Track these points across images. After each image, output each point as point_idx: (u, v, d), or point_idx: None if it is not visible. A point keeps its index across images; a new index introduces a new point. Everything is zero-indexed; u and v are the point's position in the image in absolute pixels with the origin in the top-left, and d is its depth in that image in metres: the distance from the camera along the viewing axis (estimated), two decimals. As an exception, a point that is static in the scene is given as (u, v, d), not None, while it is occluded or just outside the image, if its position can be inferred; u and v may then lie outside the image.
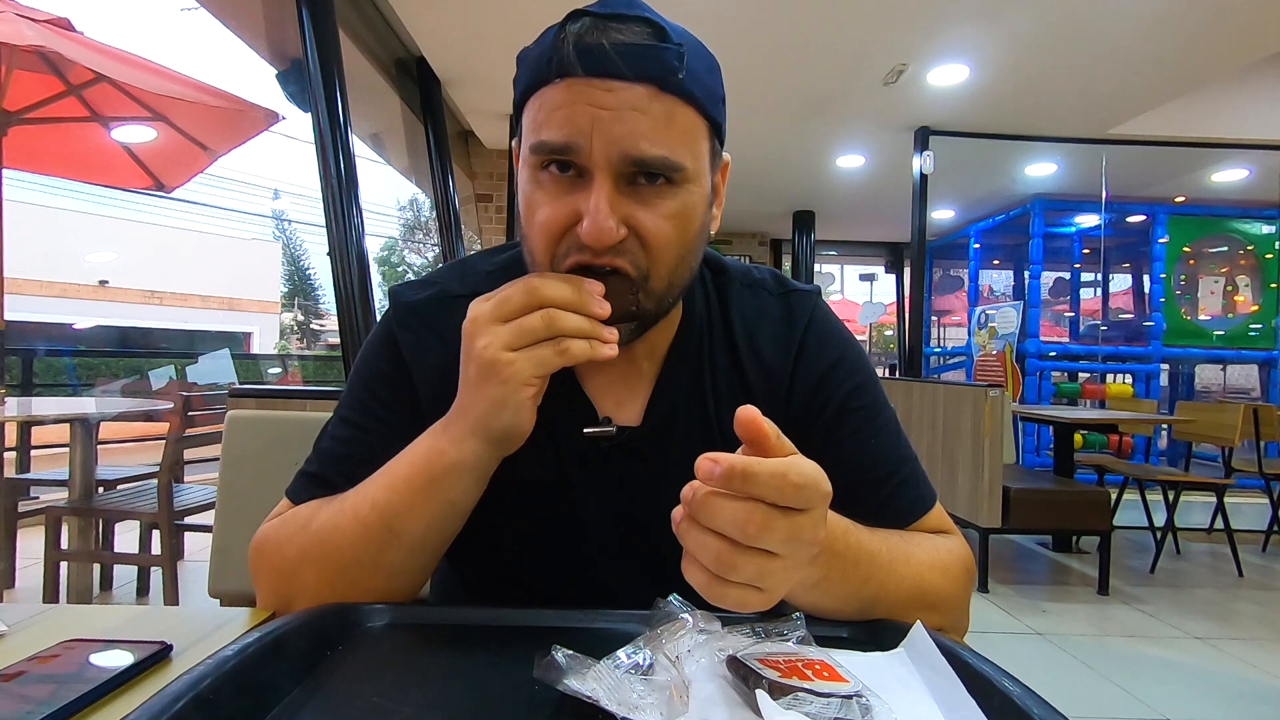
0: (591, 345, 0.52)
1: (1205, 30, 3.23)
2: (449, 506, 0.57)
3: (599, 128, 0.52)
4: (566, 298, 0.52)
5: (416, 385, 0.65)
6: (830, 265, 10.75)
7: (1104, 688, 2.25)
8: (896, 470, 0.66)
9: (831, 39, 3.46)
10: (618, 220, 0.53)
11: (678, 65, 0.53)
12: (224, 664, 0.39)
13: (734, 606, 0.43)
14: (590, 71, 0.52)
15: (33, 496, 3.45)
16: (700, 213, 0.58)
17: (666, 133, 0.53)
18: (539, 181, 0.56)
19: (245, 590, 1.05)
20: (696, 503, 0.42)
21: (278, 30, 3.31)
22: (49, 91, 3.16)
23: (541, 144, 0.54)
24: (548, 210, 0.56)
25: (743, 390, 0.67)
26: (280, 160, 28.59)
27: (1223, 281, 6.21)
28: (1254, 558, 3.81)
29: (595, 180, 0.53)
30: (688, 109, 0.55)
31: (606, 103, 0.52)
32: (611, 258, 0.55)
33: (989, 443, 3.03)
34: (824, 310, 0.71)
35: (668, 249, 0.56)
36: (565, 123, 0.53)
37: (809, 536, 0.43)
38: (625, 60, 0.52)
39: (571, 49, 0.52)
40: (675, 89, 0.53)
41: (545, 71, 0.54)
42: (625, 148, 0.52)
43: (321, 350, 26.83)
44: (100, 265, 16.61)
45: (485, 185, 5.33)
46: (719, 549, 0.41)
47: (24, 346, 6.63)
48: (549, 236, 0.56)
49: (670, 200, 0.55)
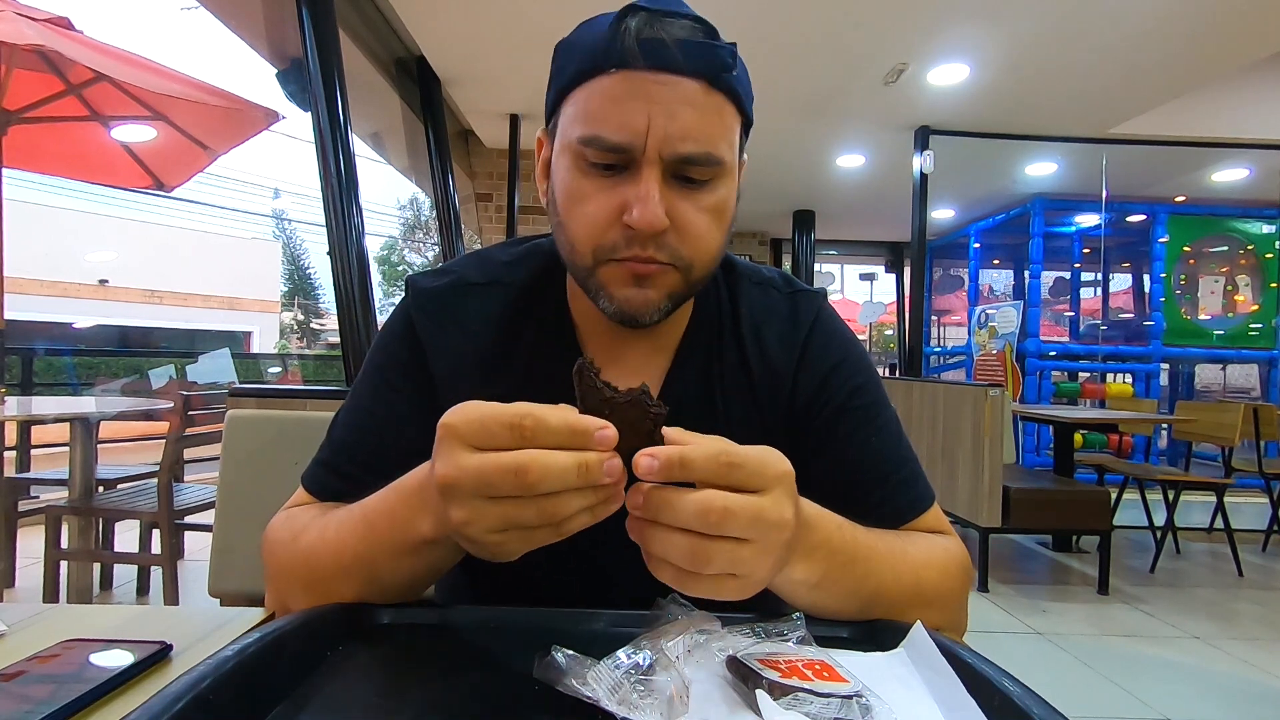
0: (594, 513, 0.43)
1: (1205, 30, 3.23)
2: (432, 572, 0.55)
3: (654, 123, 0.53)
4: (568, 480, 0.41)
5: (433, 371, 0.65)
6: (830, 265, 10.74)
7: (1104, 688, 2.25)
8: (896, 470, 0.66)
9: (831, 39, 3.46)
10: (664, 210, 0.55)
11: (731, 63, 0.55)
12: (224, 664, 0.39)
13: (711, 594, 0.43)
14: (650, 63, 0.53)
15: (33, 496, 3.45)
16: (732, 206, 0.61)
17: (714, 128, 0.55)
18: (584, 171, 0.57)
19: (245, 590, 1.05)
20: (652, 502, 0.42)
21: (278, 29, 3.31)
22: (49, 90, 3.16)
23: (594, 138, 0.55)
24: (593, 202, 0.56)
25: (748, 386, 0.68)
26: (280, 159, 28.61)
27: (1223, 281, 6.21)
28: (1254, 557, 3.81)
29: (644, 171, 0.54)
30: (731, 106, 0.57)
31: (662, 96, 0.53)
32: (655, 250, 0.56)
33: (989, 442, 3.03)
34: (829, 311, 0.72)
35: (708, 241, 0.58)
36: (619, 115, 0.54)
37: (774, 518, 0.43)
38: (683, 54, 0.53)
39: (633, 40, 0.53)
40: (724, 86, 0.55)
41: (601, 61, 0.54)
42: (676, 142, 0.54)
43: (321, 349, 26.82)
44: (100, 264, 16.62)
45: (485, 185, 5.33)
46: (688, 544, 0.41)
47: (24, 346, 6.63)
48: (595, 229, 0.57)
49: (710, 194, 0.57)
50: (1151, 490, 3.92)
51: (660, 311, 0.59)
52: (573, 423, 0.41)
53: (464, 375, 0.63)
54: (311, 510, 0.62)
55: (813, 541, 0.50)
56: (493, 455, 0.41)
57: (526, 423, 0.41)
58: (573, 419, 0.41)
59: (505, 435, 0.41)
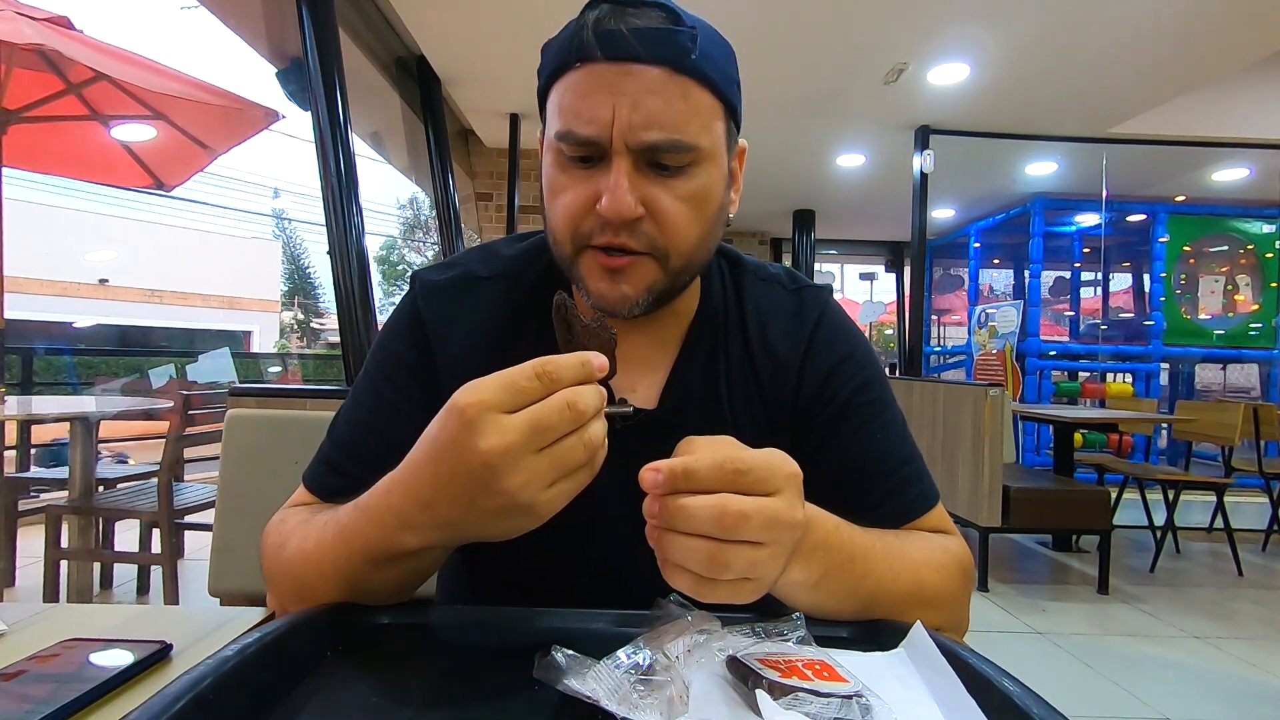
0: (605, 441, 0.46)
1: (1206, 30, 3.23)
2: (417, 576, 0.55)
3: (618, 114, 0.54)
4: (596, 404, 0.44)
5: (438, 364, 0.65)
6: (830, 264, 10.74)
7: (1104, 687, 2.25)
8: (900, 467, 0.66)
9: (831, 39, 3.46)
10: (636, 198, 0.55)
11: (690, 46, 0.55)
12: (224, 664, 0.39)
13: (726, 599, 0.43)
14: (608, 55, 0.54)
15: (33, 495, 3.45)
16: (717, 194, 0.60)
17: (680, 114, 0.55)
18: (562, 165, 0.58)
19: (245, 589, 1.05)
20: (668, 511, 0.42)
21: (278, 29, 3.31)
22: (49, 90, 3.16)
23: (567, 133, 0.56)
24: (570, 193, 0.57)
25: (754, 380, 0.68)
26: (280, 159, 28.62)
27: (1223, 281, 6.21)
28: (1254, 557, 3.81)
29: (614, 161, 0.55)
30: (702, 90, 0.56)
31: (623, 86, 0.54)
32: (628, 237, 0.56)
33: (989, 442, 3.03)
34: (835, 307, 0.72)
35: (685, 228, 0.58)
36: (586, 110, 0.55)
37: (787, 519, 0.43)
38: (640, 43, 0.54)
39: (590, 34, 0.54)
40: (689, 70, 0.55)
41: (566, 57, 0.56)
42: (641, 131, 0.54)
43: (321, 349, 26.82)
44: (100, 264, 16.61)
45: (485, 184, 5.32)
46: (707, 549, 0.42)
47: (24, 345, 6.63)
48: (571, 217, 0.58)
49: (687, 181, 0.57)
50: (1151, 490, 3.92)
51: (639, 306, 0.59)
52: (582, 358, 0.44)
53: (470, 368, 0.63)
54: (302, 513, 0.61)
55: (811, 541, 0.49)
56: (538, 405, 0.42)
57: (548, 368, 0.43)
58: (579, 355, 0.45)
59: (535, 387, 0.42)
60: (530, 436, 0.42)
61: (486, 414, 0.42)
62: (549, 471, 0.43)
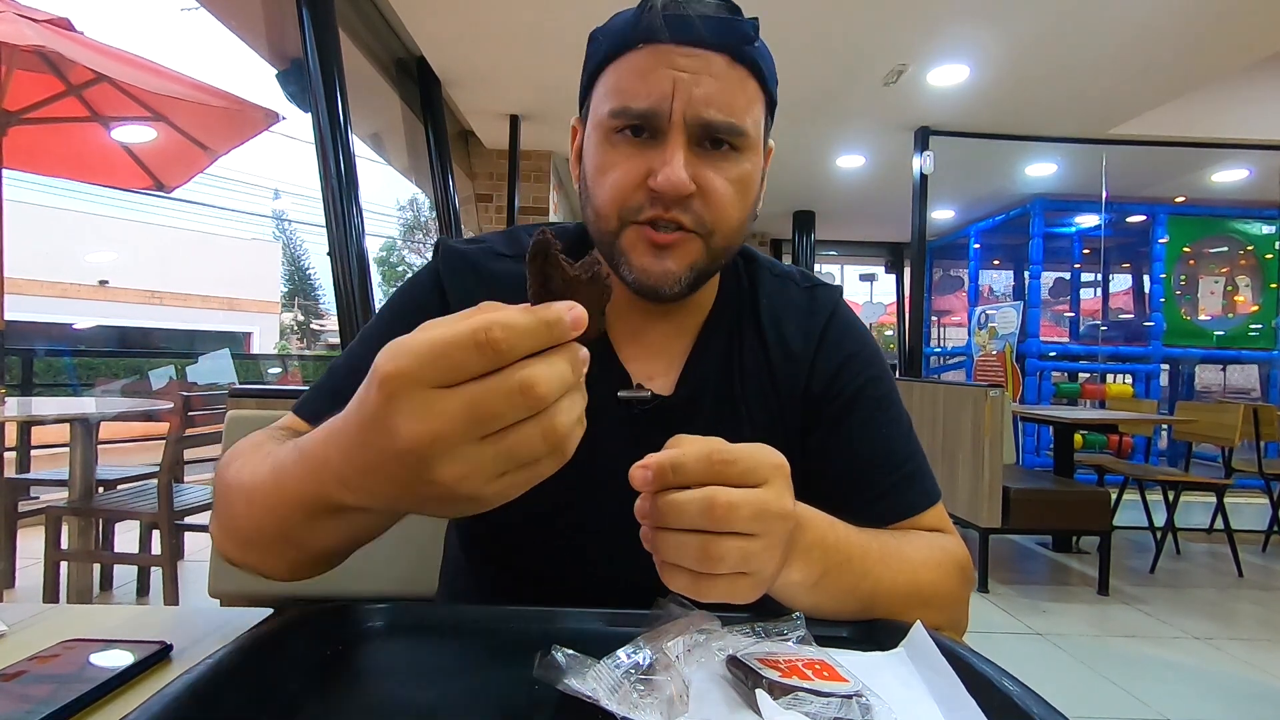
0: (581, 419, 0.37)
1: (1206, 30, 3.24)
2: (362, 532, 0.48)
3: (679, 90, 0.56)
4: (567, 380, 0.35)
5: None
6: (830, 265, 10.74)
7: (1104, 688, 2.25)
8: (903, 463, 0.67)
9: (831, 39, 3.46)
10: (689, 175, 0.56)
11: (753, 35, 0.59)
12: (224, 664, 0.39)
13: (724, 597, 0.43)
14: (675, 37, 0.56)
15: (33, 496, 3.45)
16: (756, 181, 0.63)
17: (737, 100, 0.58)
18: (612, 142, 0.59)
19: (245, 590, 1.05)
20: (658, 509, 0.42)
21: (278, 30, 3.31)
22: (49, 91, 3.16)
23: (624, 109, 0.57)
24: (620, 169, 0.58)
25: (767, 372, 0.69)
26: (280, 160, 28.67)
27: (1223, 281, 6.21)
28: (1254, 558, 3.81)
29: (670, 138, 0.57)
30: (754, 81, 0.59)
31: (688, 67, 0.56)
32: (679, 213, 0.58)
33: (989, 443, 3.03)
34: (845, 306, 0.74)
35: (731, 210, 0.60)
36: (648, 86, 0.56)
37: (776, 508, 0.43)
38: (707, 29, 0.56)
39: (659, 16, 0.56)
40: (747, 60, 0.58)
41: (629, 38, 0.58)
42: (701, 110, 0.56)
43: (322, 350, 26.83)
44: (100, 265, 16.62)
45: (485, 185, 5.33)
46: (698, 543, 0.42)
47: (24, 346, 6.62)
48: (620, 192, 0.58)
49: (734, 165, 0.59)
50: (1151, 491, 3.92)
51: (681, 283, 0.60)
52: (543, 316, 0.34)
53: None
54: (266, 434, 0.58)
55: (808, 541, 0.50)
56: (478, 386, 0.33)
57: (495, 333, 0.32)
58: (540, 312, 0.34)
59: (474, 359, 0.32)
60: (467, 425, 0.33)
61: (409, 389, 0.33)
62: (494, 464, 0.34)
